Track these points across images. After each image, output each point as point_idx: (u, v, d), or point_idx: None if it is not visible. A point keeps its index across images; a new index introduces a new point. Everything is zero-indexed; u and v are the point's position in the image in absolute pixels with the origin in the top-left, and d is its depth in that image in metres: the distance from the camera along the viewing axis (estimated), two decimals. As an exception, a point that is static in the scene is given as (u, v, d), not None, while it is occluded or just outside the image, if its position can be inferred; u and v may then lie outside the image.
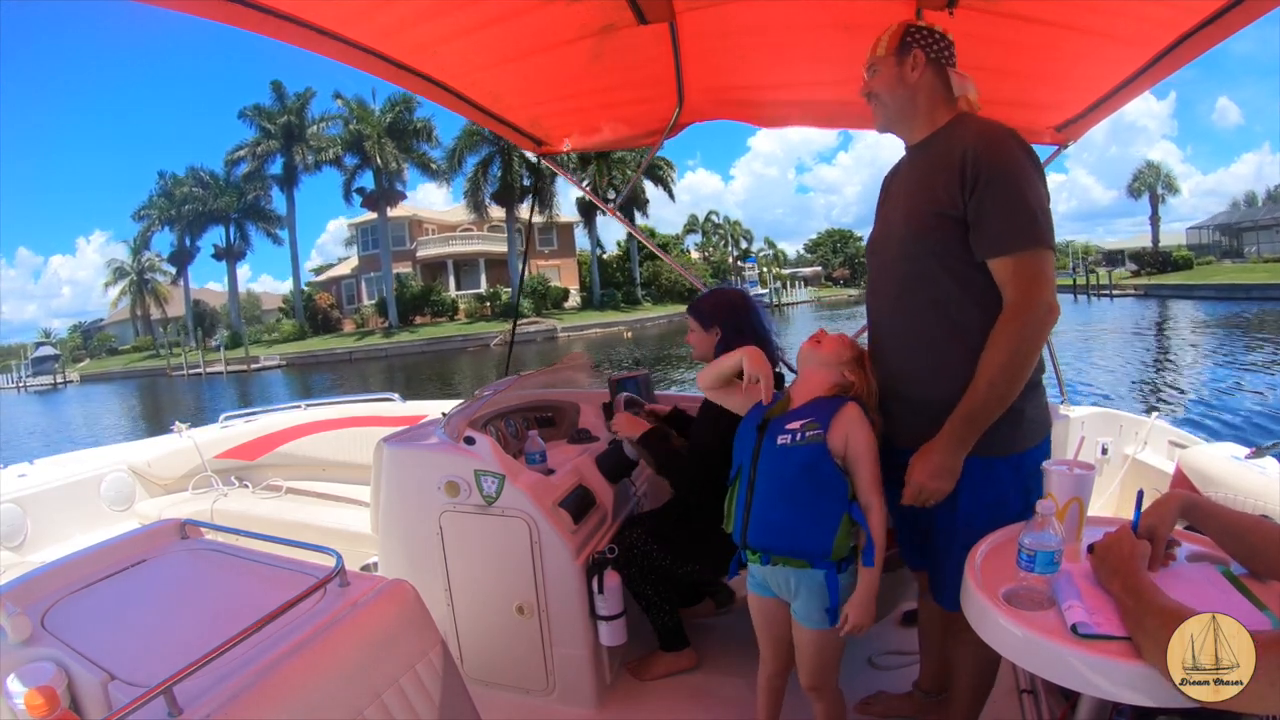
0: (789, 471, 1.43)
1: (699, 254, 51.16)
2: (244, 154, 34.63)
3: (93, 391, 31.76)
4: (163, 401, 23.87)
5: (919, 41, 1.43)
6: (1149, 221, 40.95)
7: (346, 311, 37.34)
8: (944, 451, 1.34)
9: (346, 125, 33.04)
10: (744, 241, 56.04)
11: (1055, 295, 1.32)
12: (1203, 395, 9.46)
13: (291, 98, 33.75)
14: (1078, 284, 37.18)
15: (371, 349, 31.35)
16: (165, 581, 1.44)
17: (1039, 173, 1.34)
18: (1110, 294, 33.05)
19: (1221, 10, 1.66)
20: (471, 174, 32.38)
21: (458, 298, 35.53)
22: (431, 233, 37.83)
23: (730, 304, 2.04)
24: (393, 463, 2.10)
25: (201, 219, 36.09)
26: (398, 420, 3.73)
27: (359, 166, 33.23)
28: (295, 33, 1.72)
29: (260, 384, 26.17)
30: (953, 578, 1.38)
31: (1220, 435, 6.02)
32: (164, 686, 0.97)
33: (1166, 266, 35.67)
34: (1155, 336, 17.47)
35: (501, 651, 2.02)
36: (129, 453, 3.70)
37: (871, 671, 2.07)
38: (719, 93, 2.67)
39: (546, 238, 38.37)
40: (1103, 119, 2.52)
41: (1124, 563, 0.99)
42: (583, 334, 32.16)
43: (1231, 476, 2.23)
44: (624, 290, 39.90)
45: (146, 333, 41.97)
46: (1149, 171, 40.42)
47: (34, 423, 21.55)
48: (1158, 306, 25.99)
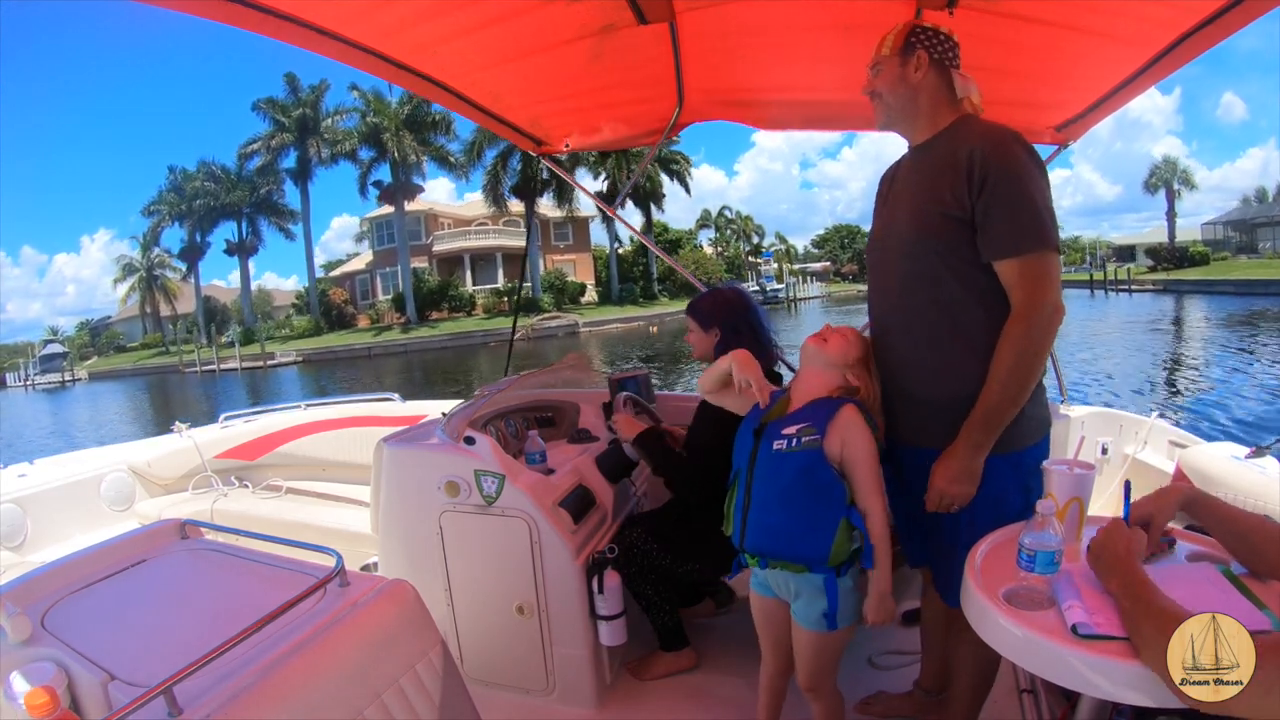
0: (785, 477, 1.42)
1: (712, 249, 51.08)
2: (257, 147, 34.23)
3: (103, 390, 31.44)
4: (177, 399, 23.49)
5: (923, 42, 1.44)
6: (1165, 216, 40.85)
7: (361, 307, 37.03)
8: (963, 456, 1.36)
9: (363, 118, 32.40)
10: (755, 237, 56.07)
11: (1061, 296, 1.34)
12: (1216, 393, 9.43)
13: (306, 90, 33.34)
14: (1095, 279, 37.28)
15: (391, 344, 30.91)
16: (165, 581, 1.44)
17: (1043, 175, 1.35)
18: (1129, 289, 33.14)
19: (1221, 10, 1.66)
20: (490, 167, 31.82)
21: (475, 293, 35.19)
22: (447, 227, 37.50)
23: (729, 304, 2.04)
24: (393, 463, 2.10)
25: (213, 214, 35.73)
26: (398, 420, 3.73)
27: (375, 160, 32.75)
28: (295, 33, 1.72)
29: (276, 381, 25.69)
30: (956, 574, 1.41)
31: (1234, 435, 6.00)
32: (164, 686, 0.97)
33: (1183, 262, 35.78)
34: (1172, 334, 17.42)
35: (501, 651, 2.02)
36: (129, 453, 3.70)
37: (871, 671, 2.07)
38: (719, 93, 2.67)
39: (562, 232, 38.20)
40: (1103, 119, 2.52)
41: (1119, 560, 0.99)
42: (603, 329, 31.79)
43: (1231, 476, 2.23)
44: (641, 285, 39.75)
45: (155, 329, 41.71)
46: (1165, 167, 40.40)
47: (48, 422, 21.29)
48: (1176, 301, 26.04)
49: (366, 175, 33.26)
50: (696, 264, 41.50)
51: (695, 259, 42.79)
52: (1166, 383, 10.79)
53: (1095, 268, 39.46)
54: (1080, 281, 39.39)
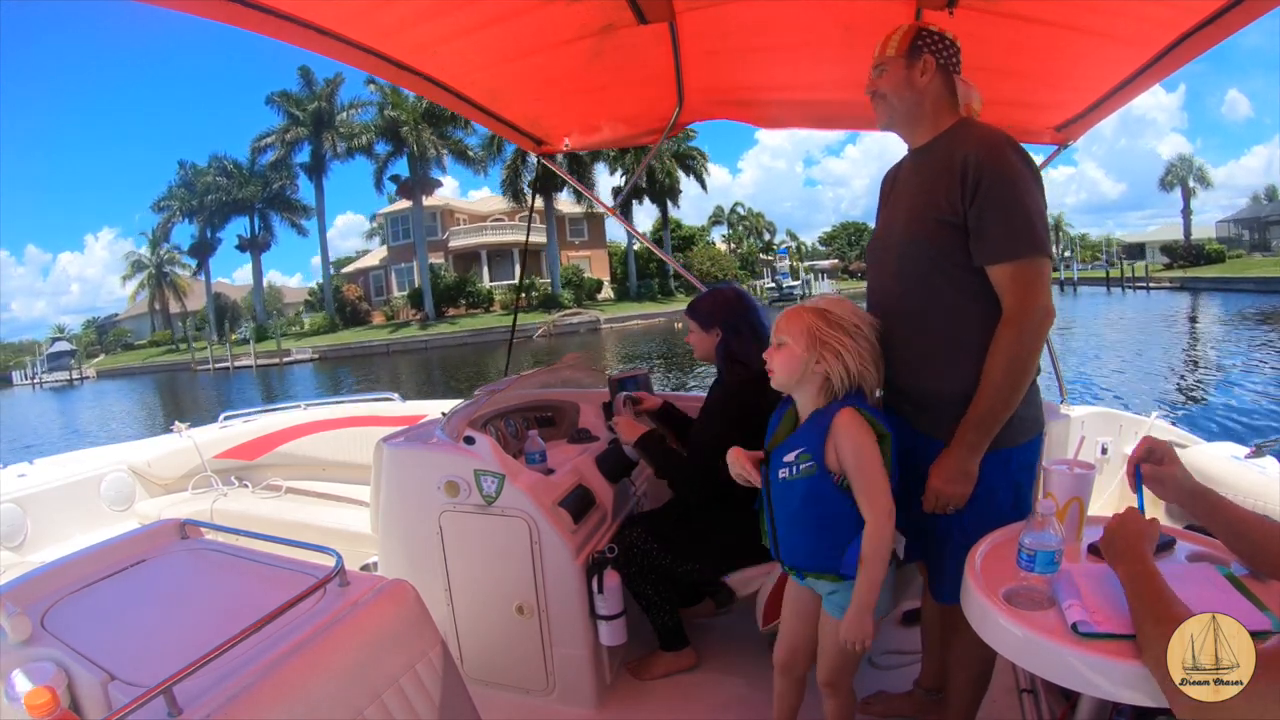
0: (794, 504, 1.42)
1: (725, 245, 50.96)
2: (272, 140, 33.65)
3: (113, 388, 30.93)
4: (190, 397, 22.86)
5: (930, 46, 1.44)
6: (1179, 214, 40.85)
7: (375, 304, 36.65)
8: (958, 458, 1.38)
9: (380, 111, 31.92)
10: (766, 234, 56.04)
11: (1051, 299, 1.36)
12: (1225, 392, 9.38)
13: (320, 83, 32.78)
14: (1111, 276, 37.33)
15: (409, 341, 30.32)
16: (165, 581, 1.44)
17: (1037, 181, 1.37)
18: (1148, 286, 33.24)
19: (1221, 10, 1.66)
20: (510, 161, 31.30)
21: (493, 289, 34.85)
22: (463, 223, 37.14)
23: (728, 303, 2.04)
24: (393, 463, 2.10)
25: (225, 209, 35.17)
26: (397, 420, 3.73)
27: (391, 154, 32.33)
28: (295, 33, 1.72)
29: (293, 379, 25.03)
30: (946, 570, 1.45)
31: (1240, 436, 5.98)
32: (164, 686, 0.97)
33: (1199, 259, 35.86)
34: (1188, 332, 17.38)
35: (501, 651, 2.02)
36: (129, 453, 3.70)
37: (872, 671, 2.07)
38: (719, 93, 2.67)
39: (578, 228, 37.95)
40: (1102, 119, 2.52)
41: (1130, 548, 0.99)
42: (625, 325, 31.39)
43: (1231, 476, 2.23)
44: (658, 281, 39.56)
45: (164, 327, 41.30)
46: (1181, 164, 40.47)
47: (57, 421, 20.96)
48: (1194, 299, 26.00)
49: (383, 169, 32.83)
50: (712, 260, 41.39)
51: (710, 256, 42.62)
52: (1178, 381, 10.76)
53: (1121, 264, 39.45)
54: (1097, 279, 39.45)
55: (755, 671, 2.09)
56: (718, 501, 1.92)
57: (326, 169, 34.67)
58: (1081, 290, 36.81)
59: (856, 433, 1.34)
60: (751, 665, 2.12)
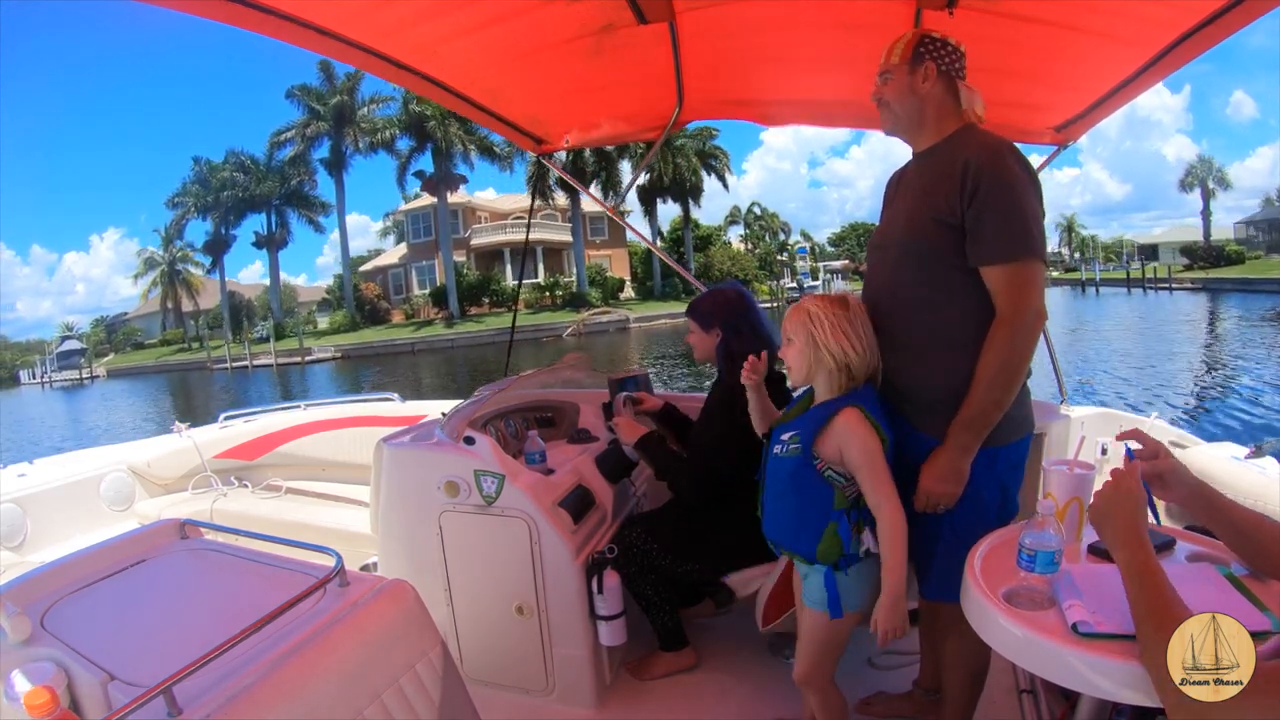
0: (781, 479, 1.48)
1: (742, 245, 50.90)
2: (291, 135, 32.77)
3: (126, 388, 30.21)
4: (204, 397, 22.09)
5: (932, 53, 1.46)
6: (1200, 215, 40.82)
7: (394, 302, 36.13)
8: (950, 457, 1.40)
9: (405, 106, 30.93)
10: (782, 234, 56.03)
11: (1044, 302, 1.39)
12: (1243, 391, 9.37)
13: (341, 78, 31.86)
14: (1131, 277, 37.44)
15: (435, 340, 29.57)
16: (165, 581, 1.44)
17: (1035, 187, 1.39)
18: (1170, 287, 33.46)
19: (1221, 10, 1.67)
20: (535, 157, 30.99)
21: (517, 287, 34.12)
22: (484, 220, 36.75)
23: (729, 303, 2.03)
24: (392, 463, 2.10)
25: (240, 205, 34.33)
26: (397, 420, 3.73)
27: (415, 150, 31.57)
28: (295, 33, 1.72)
29: (314, 379, 24.37)
30: (933, 566, 1.49)
31: (1240, 436, 5.96)
32: (164, 686, 0.97)
33: (1219, 260, 36.00)
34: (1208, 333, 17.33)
35: (501, 652, 2.02)
36: (128, 453, 3.70)
37: (871, 671, 2.07)
38: (719, 92, 2.67)
39: (598, 227, 37.61)
40: (1102, 119, 2.52)
41: (1126, 529, 0.97)
42: (653, 324, 31.00)
43: (1231, 476, 2.22)
44: (680, 280, 39.06)
45: (176, 325, 40.53)
46: (1201, 166, 40.46)
47: (64, 422, 20.55)
48: (1213, 300, 26.05)
49: (406, 165, 32.17)
50: (732, 260, 41.31)
51: (730, 255, 42.47)
52: (1194, 384, 10.70)
53: (1140, 264, 39.60)
54: (1118, 280, 39.58)
55: (755, 671, 2.10)
56: (717, 502, 1.92)
57: (347, 165, 33.90)
58: (1104, 291, 36.90)
59: (864, 434, 1.38)
60: (751, 665, 2.12)
